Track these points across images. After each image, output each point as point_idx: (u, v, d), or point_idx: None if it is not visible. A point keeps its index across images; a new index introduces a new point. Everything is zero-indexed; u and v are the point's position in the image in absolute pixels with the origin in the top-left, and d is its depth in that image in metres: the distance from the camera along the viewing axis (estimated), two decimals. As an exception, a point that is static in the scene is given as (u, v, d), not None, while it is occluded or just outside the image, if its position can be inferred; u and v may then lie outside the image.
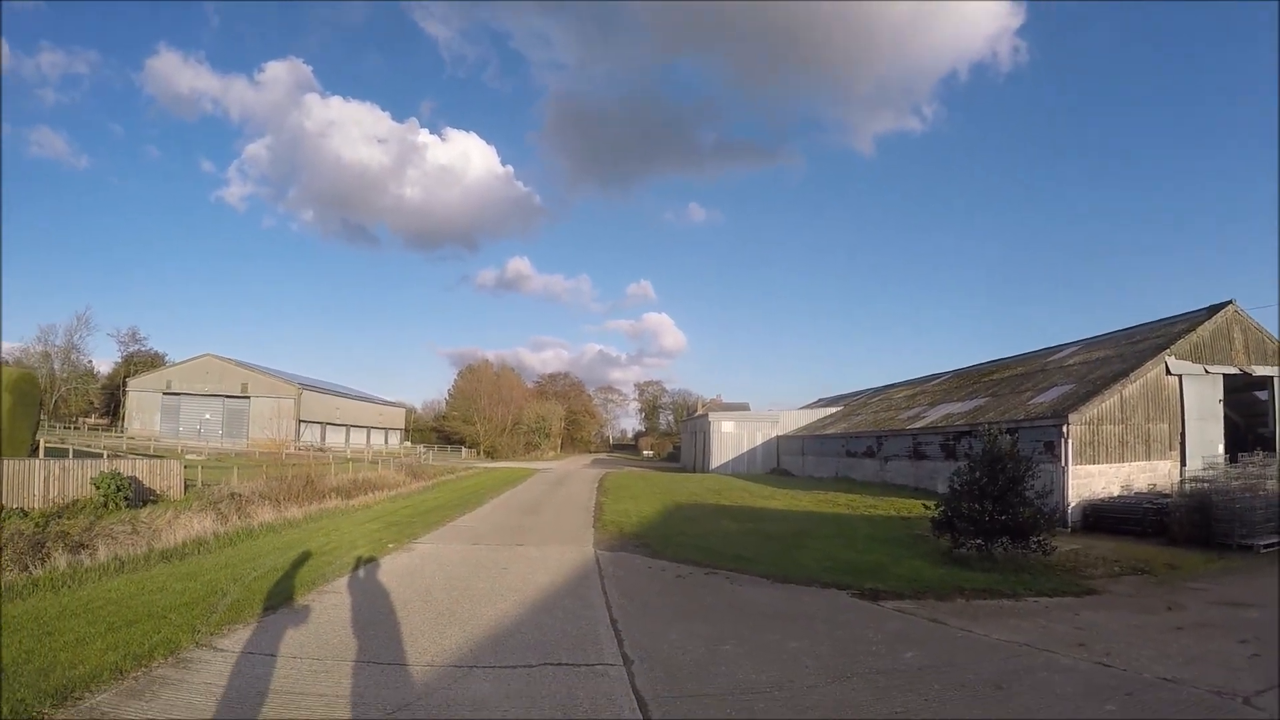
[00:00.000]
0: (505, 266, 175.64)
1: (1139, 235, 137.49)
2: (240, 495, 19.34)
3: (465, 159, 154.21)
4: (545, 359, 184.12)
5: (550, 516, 19.30)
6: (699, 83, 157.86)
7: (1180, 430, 20.08)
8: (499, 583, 10.16)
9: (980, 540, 12.23)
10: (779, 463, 48.29)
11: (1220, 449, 20.07)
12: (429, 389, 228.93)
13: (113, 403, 77.84)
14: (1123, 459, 19.13)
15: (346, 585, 9.74)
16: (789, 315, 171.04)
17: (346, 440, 76.38)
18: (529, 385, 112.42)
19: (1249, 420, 25.27)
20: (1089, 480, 18.42)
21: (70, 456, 21.31)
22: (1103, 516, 17.28)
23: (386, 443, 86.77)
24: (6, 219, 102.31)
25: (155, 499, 20.02)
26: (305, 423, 70.46)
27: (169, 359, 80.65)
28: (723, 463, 49.86)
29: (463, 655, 6.68)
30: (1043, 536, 12.04)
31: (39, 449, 22.71)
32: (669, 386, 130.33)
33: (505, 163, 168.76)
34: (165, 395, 68.45)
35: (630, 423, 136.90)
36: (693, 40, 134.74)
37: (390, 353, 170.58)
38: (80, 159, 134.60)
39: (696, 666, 6.48)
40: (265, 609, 8.19)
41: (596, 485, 31.69)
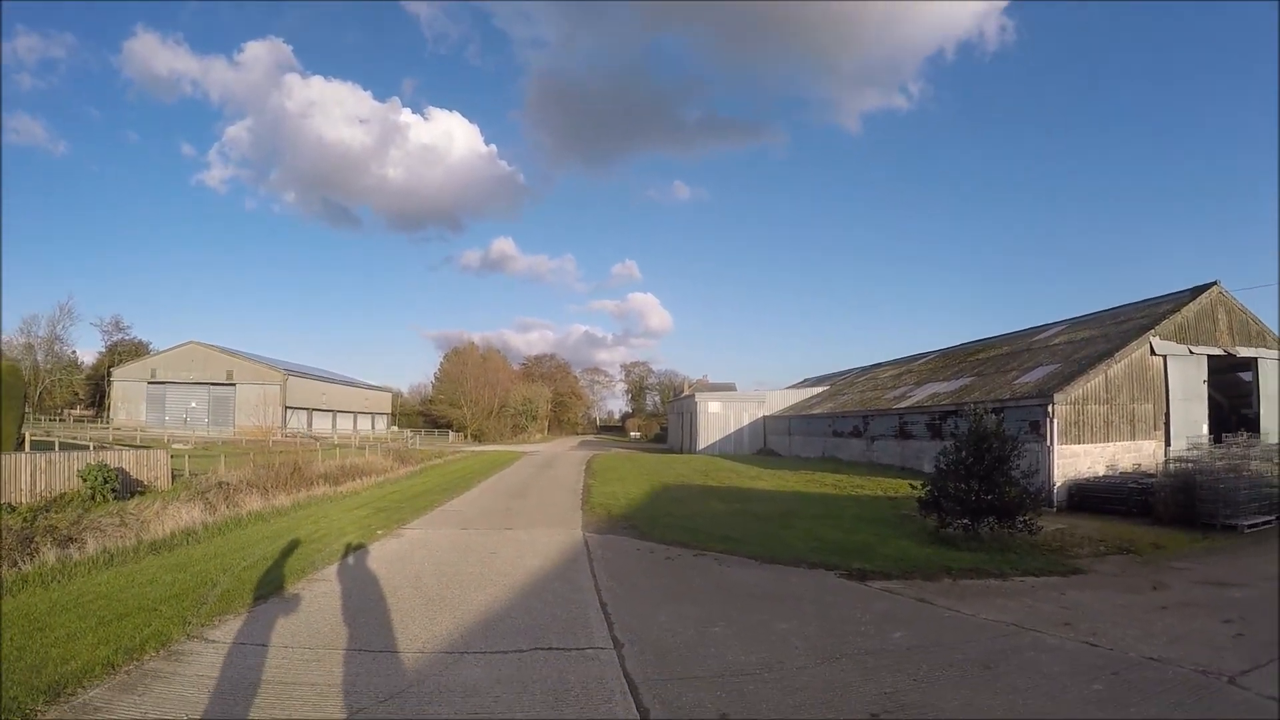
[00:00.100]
0: (489, 247, 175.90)
1: (1124, 215, 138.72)
2: (228, 484, 19.27)
3: (448, 138, 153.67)
4: (531, 340, 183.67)
5: (538, 500, 19.27)
6: (683, 60, 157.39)
7: (1165, 410, 20.27)
8: (488, 567, 10.16)
9: (967, 520, 12.29)
10: (766, 443, 48.44)
11: (1205, 429, 20.26)
12: (415, 373, 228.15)
13: (98, 393, 77.26)
14: (1108, 439, 19.29)
15: (336, 573, 9.71)
16: (775, 294, 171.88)
17: (333, 426, 76.15)
18: (515, 367, 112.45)
19: (1233, 401, 25.55)
20: (1074, 460, 18.56)
21: (56, 449, 21.10)
22: (1088, 496, 17.40)
23: (373, 428, 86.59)
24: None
25: (143, 490, 19.92)
26: (291, 409, 70.27)
27: (153, 347, 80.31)
28: (710, 443, 50.01)
29: (454, 641, 6.68)
30: (1029, 516, 12.11)
31: (24, 442, 22.54)
32: (655, 367, 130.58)
33: (488, 142, 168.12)
34: (150, 384, 68.08)
35: (617, 404, 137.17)
36: (677, 17, 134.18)
37: (375, 336, 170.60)
38: (58, 145, 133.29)
39: (686, 649, 6.51)
40: (256, 599, 8.17)
41: (584, 467, 31.68)
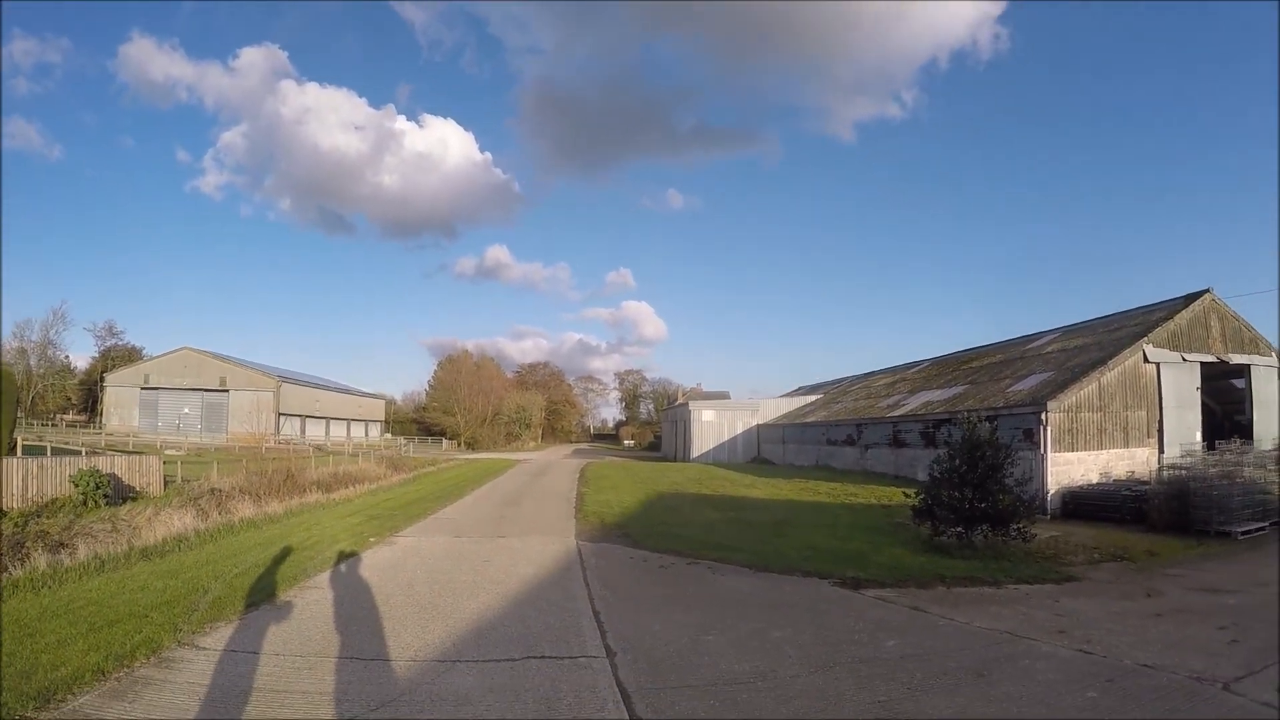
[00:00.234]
0: (484, 255, 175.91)
1: (1117, 224, 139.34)
2: (220, 490, 19.14)
3: (443, 145, 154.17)
4: (525, 348, 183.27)
5: (532, 508, 19.23)
6: (677, 68, 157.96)
7: (1158, 418, 20.32)
8: (481, 575, 10.13)
9: (960, 528, 12.30)
10: (760, 451, 48.39)
11: (1198, 436, 20.28)
12: (409, 380, 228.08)
13: (90, 398, 77.08)
14: (1101, 446, 19.32)
15: (328, 580, 9.67)
16: (769, 302, 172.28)
17: (326, 433, 76.05)
18: (509, 375, 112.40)
19: (1226, 408, 25.64)
20: (1068, 468, 18.59)
21: (48, 454, 21.01)
22: (1082, 504, 17.44)
23: (367, 435, 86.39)
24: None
25: (135, 496, 19.82)
26: (285, 416, 70.02)
27: (146, 353, 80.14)
28: (703, 452, 49.94)
29: (446, 649, 6.66)
30: (1022, 524, 12.14)
31: (16, 447, 22.39)
32: (649, 375, 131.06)
33: (483, 149, 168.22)
34: (143, 390, 67.84)
35: (611, 412, 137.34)
36: (671, 25, 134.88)
37: (369, 344, 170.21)
38: (54, 149, 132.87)
39: (680, 657, 6.50)
40: (247, 606, 8.12)
41: (578, 475, 31.56)
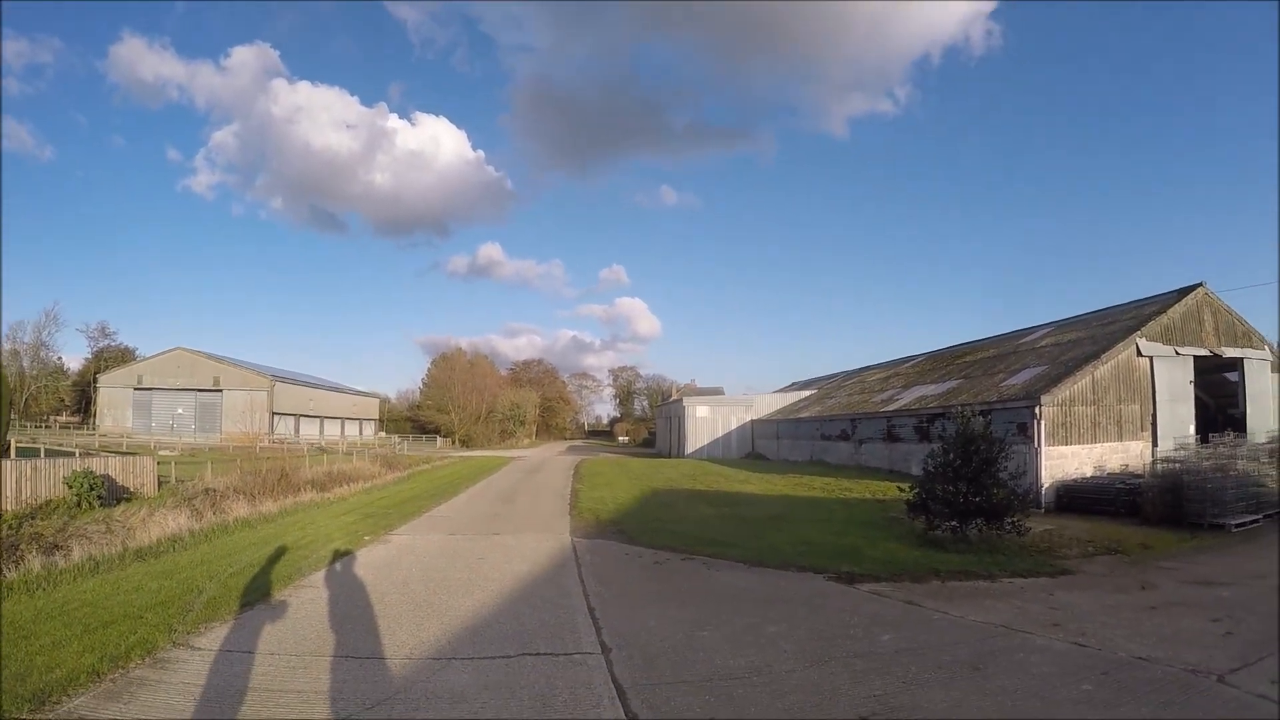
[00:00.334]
0: (477, 253, 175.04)
1: (1111, 218, 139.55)
2: (214, 490, 19.13)
3: (435, 144, 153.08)
4: (519, 346, 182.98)
5: (526, 505, 19.22)
6: (671, 66, 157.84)
7: (1152, 411, 20.39)
8: (476, 573, 10.13)
9: (955, 522, 12.32)
10: (754, 447, 48.41)
11: (1191, 430, 20.38)
12: (403, 378, 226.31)
13: (84, 400, 76.64)
14: (1095, 440, 19.39)
15: (323, 579, 9.67)
16: (762, 298, 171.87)
17: (321, 432, 75.86)
18: (503, 373, 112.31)
19: (1219, 401, 25.74)
20: (1062, 461, 18.64)
21: (42, 456, 20.99)
22: (1076, 497, 17.48)
23: (361, 433, 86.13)
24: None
25: (129, 497, 19.78)
26: (279, 415, 69.80)
27: (139, 353, 79.65)
28: (698, 447, 49.97)
29: (441, 647, 6.66)
30: (1017, 517, 12.18)
31: (10, 449, 22.32)
32: (643, 372, 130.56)
33: (476, 147, 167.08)
34: (136, 391, 67.52)
35: (605, 409, 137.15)
36: (664, 23, 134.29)
37: (363, 342, 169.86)
38: (45, 150, 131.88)
39: (675, 653, 6.50)
40: (242, 606, 8.12)
41: (572, 472, 31.58)
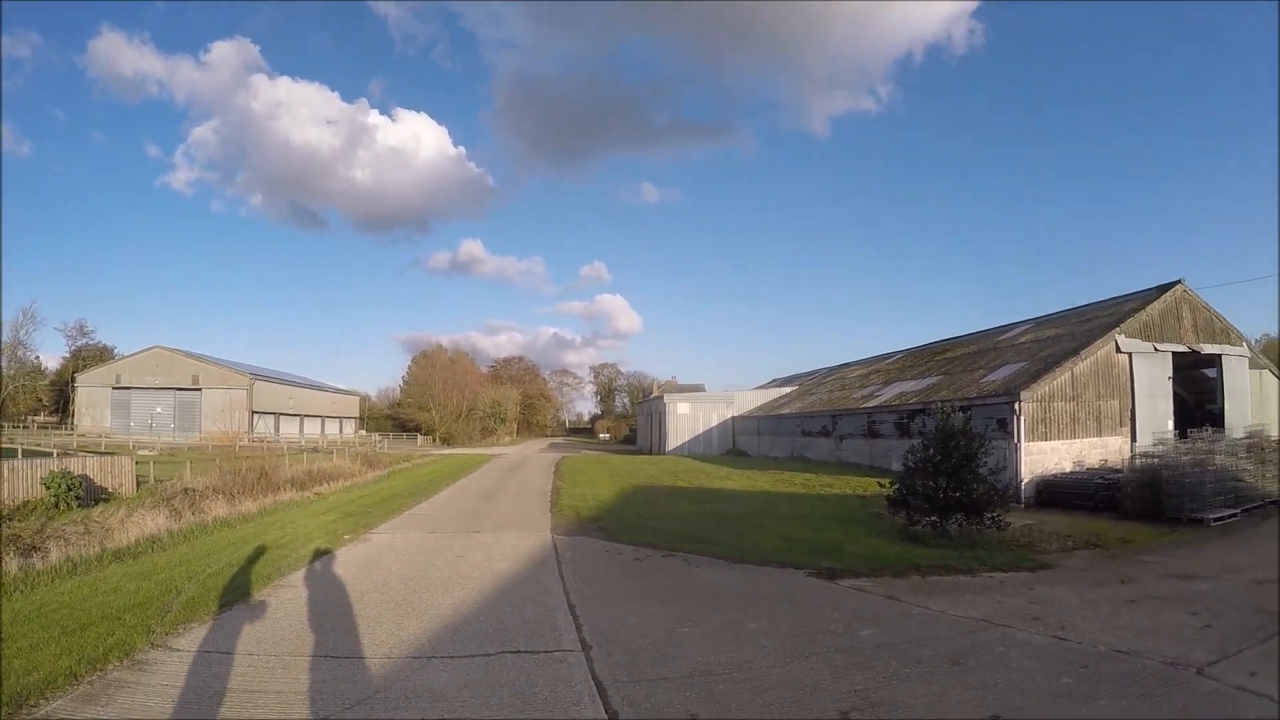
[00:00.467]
0: (457, 249, 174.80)
1: (1090, 215, 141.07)
2: (193, 490, 18.93)
3: (416, 140, 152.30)
4: (499, 343, 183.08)
5: (507, 502, 19.16)
6: (653, 62, 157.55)
7: (1131, 407, 20.61)
8: (456, 571, 10.08)
9: (935, 517, 12.38)
10: (735, 443, 48.54)
11: (1170, 425, 20.52)
12: (383, 376, 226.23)
13: (62, 399, 75.60)
14: (1074, 435, 19.55)
15: (303, 579, 9.59)
16: (743, 295, 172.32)
17: (301, 430, 75.31)
18: (483, 370, 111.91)
19: (1198, 397, 26.03)
20: (1041, 457, 18.80)
21: (19, 456, 20.67)
22: (1056, 492, 17.63)
23: (341, 432, 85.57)
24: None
25: (107, 497, 19.56)
26: (258, 414, 69.18)
27: (118, 352, 78.57)
28: (679, 444, 50.05)
29: (421, 646, 6.62)
30: (997, 512, 12.25)
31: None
32: (624, 369, 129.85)
33: (457, 143, 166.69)
34: (115, 390, 66.66)
35: (586, 406, 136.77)
36: (646, 19, 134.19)
37: (343, 340, 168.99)
38: (23, 146, 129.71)
39: (655, 650, 6.49)
40: (221, 606, 8.05)
41: (553, 470, 31.51)
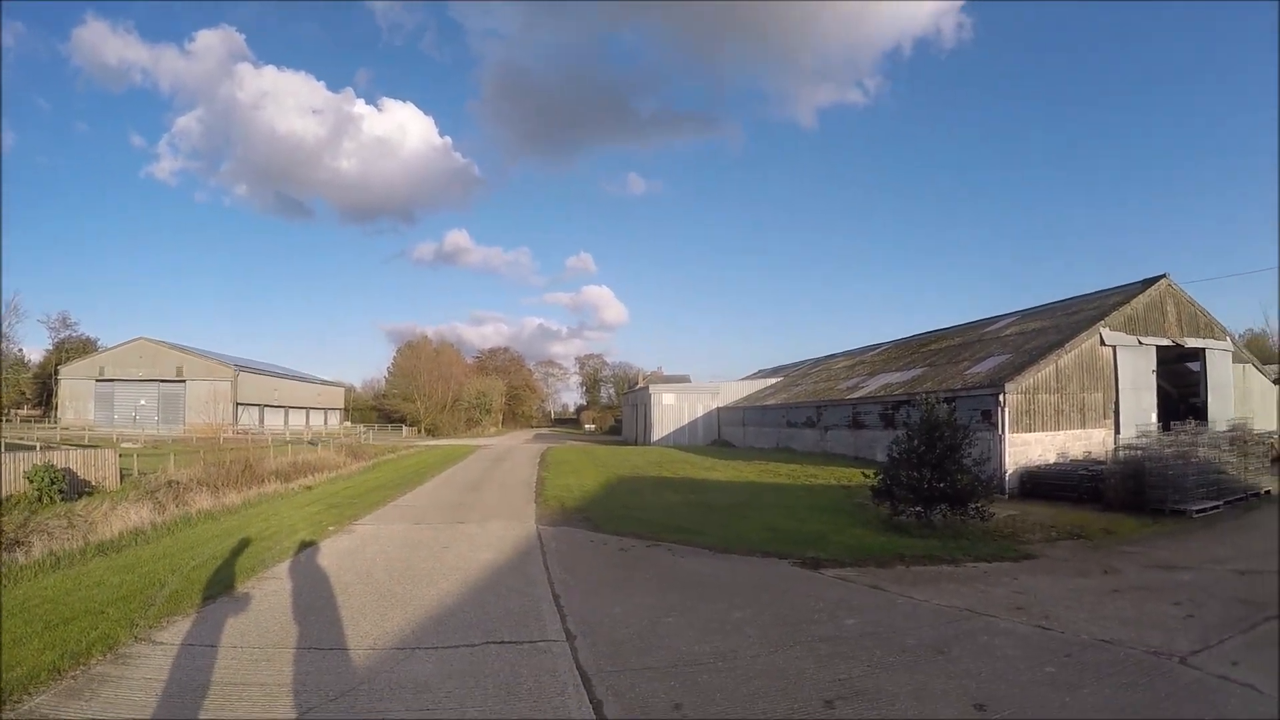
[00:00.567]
0: (443, 239, 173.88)
1: (1078, 209, 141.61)
2: (178, 483, 18.79)
3: (402, 130, 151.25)
4: (485, 334, 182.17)
5: (492, 493, 19.13)
6: (640, 53, 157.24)
7: (1115, 399, 20.74)
8: (441, 562, 10.07)
9: (919, 507, 12.44)
10: (720, 434, 48.53)
11: (1153, 418, 20.67)
12: (368, 367, 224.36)
13: (45, 392, 74.70)
14: (1059, 427, 19.68)
15: (287, 570, 9.55)
16: (729, 286, 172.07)
17: (285, 422, 74.66)
18: (469, 361, 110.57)
19: (1181, 391, 26.23)
20: (1026, 448, 18.90)
21: (2, 450, 20.42)
22: (1039, 483, 17.73)
23: (326, 423, 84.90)
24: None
25: (91, 491, 19.39)
26: (243, 405, 68.56)
27: (101, 344, 77.58)
28: (664, 435, 50.00)
29: (405, 637, 6.61)
30: (981, 503, 12.32)
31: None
32: (610, 359, 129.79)
33: (443, 133, 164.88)
34: (98, 382, 65.95)
35: (571, 397, 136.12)
36: (634, 10, 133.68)
37: (328, 330, 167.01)
38: (7, 136, 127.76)
39: (640, 640, 6.51)
40: (205, 599, 8.01)
41: (538, 460, 31.48)
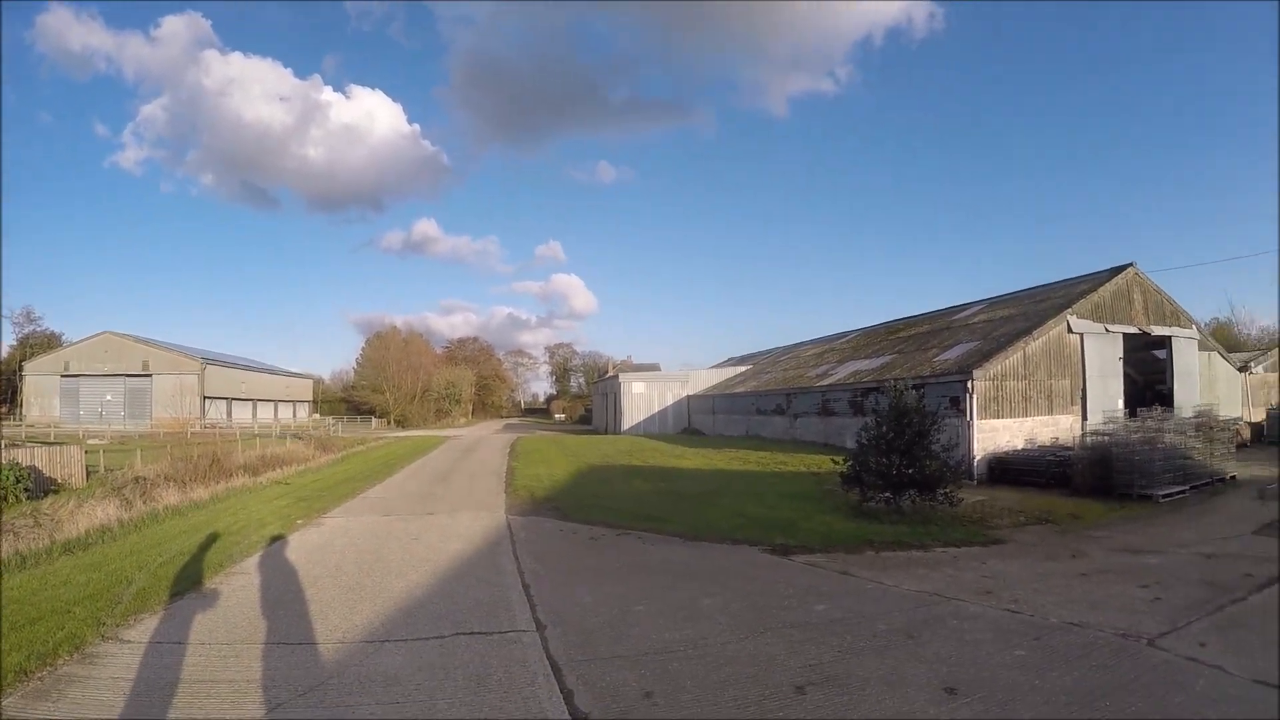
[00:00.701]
0: (411, 228, 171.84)
1: (1046, 196, 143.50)
2: (144, 479, 18.46)
3: (370, 117, 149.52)
4: (454, 323, 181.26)
5: (462, 484, 19.07)
6: (611, 40, 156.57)
7: (1082, 386, 21.10)
8: (410, 553, 10.03)
9: (888, 493, 12.54)
10: (690, 422, 48.67)
11: (1120, 404, 21.02)
12: (337, 358, 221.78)
13: (9, 389, 73.04)
14: (1026, 414, 19.96)
15: (255, 565, 9.45)
16: (699, 275, 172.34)
17: (254, 415, 73.84)
18: (438, 351, 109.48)
19: (1148, 378, 26.77)
20: (994, 434, 19.14)
21: (-35, 450, 19.99)
22: (1007, 469, 17.98)
23: (295, 416, 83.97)
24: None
25: (57, 488, 18.97)
26: (210, 399, 67.56)
27: (66, 339, 76.11)
28: (634, 424, 49.96)
29: (374, 630, 6.57)
30: (949, 488, 12.44)
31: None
32: (579, 349, 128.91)
33: (412, 121, 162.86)
34: (64, 378, 64.71)
35: (541, 386, 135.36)
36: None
37: (296, 321, 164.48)
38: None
39: (610, 629, 6.52)
40: (172, 595, 7.88)
41: (508, 450, 31.41)
